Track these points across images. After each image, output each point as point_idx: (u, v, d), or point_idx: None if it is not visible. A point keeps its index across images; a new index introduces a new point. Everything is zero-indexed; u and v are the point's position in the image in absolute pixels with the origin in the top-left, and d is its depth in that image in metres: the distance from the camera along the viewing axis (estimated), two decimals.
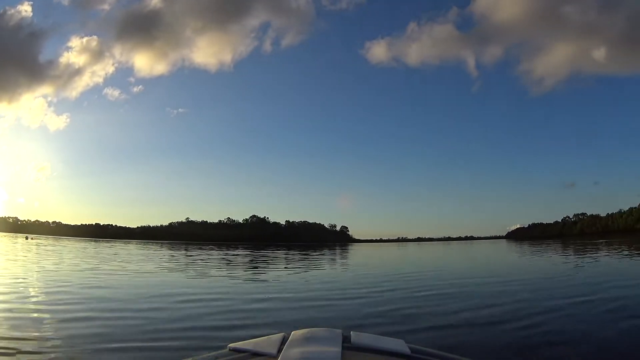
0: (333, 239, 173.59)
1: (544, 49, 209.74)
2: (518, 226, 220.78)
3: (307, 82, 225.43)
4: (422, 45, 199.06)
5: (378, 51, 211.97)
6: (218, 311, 10.56)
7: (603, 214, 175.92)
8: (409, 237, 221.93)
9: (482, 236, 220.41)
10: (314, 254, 49.07)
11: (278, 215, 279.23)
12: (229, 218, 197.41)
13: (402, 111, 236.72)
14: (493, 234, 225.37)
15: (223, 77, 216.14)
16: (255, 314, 10.29)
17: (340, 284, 17.24)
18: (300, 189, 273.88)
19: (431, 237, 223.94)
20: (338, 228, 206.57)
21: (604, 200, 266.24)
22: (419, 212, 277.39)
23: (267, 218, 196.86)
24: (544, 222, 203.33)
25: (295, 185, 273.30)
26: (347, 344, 1.75)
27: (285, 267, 28.01)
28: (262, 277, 21.19)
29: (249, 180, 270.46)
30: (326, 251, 61.26)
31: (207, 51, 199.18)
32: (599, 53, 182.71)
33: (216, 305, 11.48)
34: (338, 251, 64.01)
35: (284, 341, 1.80)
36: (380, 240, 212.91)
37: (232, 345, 1.80)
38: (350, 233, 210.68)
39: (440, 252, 58.02)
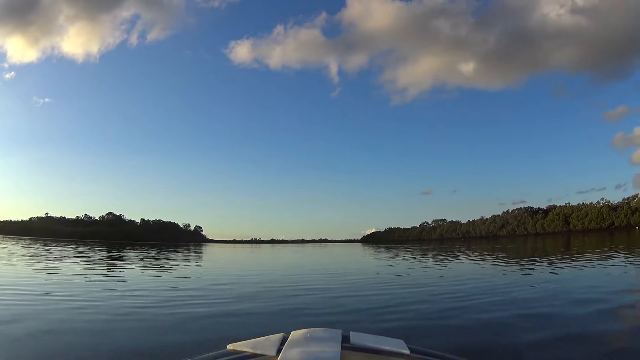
0: (187, 239, 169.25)
1: (409, 59, 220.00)
2: (374, 230, 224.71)
3: (170, 79, 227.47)
4: (286, 48, 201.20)
5: (241, 51, 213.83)
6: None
7: (463, 221, 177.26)
8: (262, 239, 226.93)
9: (336, 239, 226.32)
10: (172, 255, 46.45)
11: (134, 212, 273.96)
12: (86, 215, 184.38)
13: (262, 113, 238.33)
14: (348, 237, 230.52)
15: (88, 69, 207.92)
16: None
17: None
18: (157, 186, 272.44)
19: (285, 239, 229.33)
20: (192, 228, 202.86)
21: (463, 207, 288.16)
22: (273, 213, 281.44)
23: (123, 216, 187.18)
24: (401, 227, 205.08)
25: (152, 183, 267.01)
26: (346, 344, 1.75)
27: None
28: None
29: (107, 176, 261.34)
30: (181, 252, 58.63)
31: (76, 40, 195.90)
32: (467, 67, 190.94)
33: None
34: (192, 252, 59.52)
35: (283, 341, 1.79)
36: (234, 241, 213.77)
37: (231, 345, 1.79)
38: (204, 233, 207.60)
39: (294, 254, 57.54)
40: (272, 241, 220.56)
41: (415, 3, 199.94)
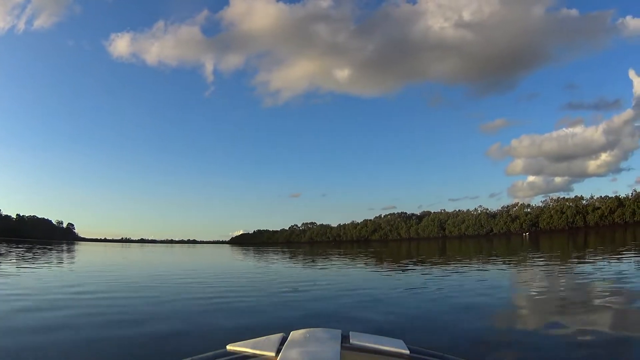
0: (60, 237, 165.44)
1: (285, 62, 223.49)
2: (242, 232, 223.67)
3: (51, 69, 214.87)
4: (164, 44, 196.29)
5: (121, 45, 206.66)
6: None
7: (334, 224, 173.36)
8: (132, 238, 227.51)
9: (205, 240, 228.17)
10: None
11: (10, 207, 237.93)
12: None
13: (135, 110, 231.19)
14: (216, 239, 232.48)
15: None
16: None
17: None
18: (34, 180, 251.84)
19: (154, 239, 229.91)
20: (65, 225, 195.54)
21: (333, 211, 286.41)
22: (142, 213, 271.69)
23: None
24: (270, 229, 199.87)
25: (29, 177, 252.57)
26: (346, 344, 1.73)
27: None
28: None
29: None
30: (72, 250, 58.13)
31: None
32: (342, 73, 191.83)
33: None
34: (83, 251, 57.70)
35: (283, 341, 1.77)
36: (105, 240, 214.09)
37: (230, 345, 1.77)
38: (77, 231, 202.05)
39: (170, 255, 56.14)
40: (142, 241, 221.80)
41: (298, 6, 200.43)
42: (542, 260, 25.56)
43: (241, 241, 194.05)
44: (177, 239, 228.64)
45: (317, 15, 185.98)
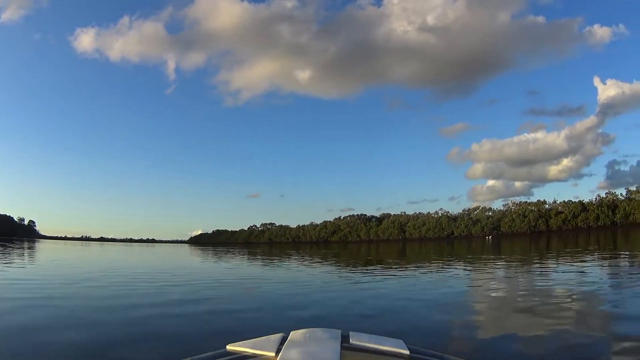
0: (22, 234, 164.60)
1: (247, 62, 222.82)
2: (200, 232, 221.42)
3: (18, 62, 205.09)
4: (128, 41, 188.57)
5: (85, 40, 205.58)
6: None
7: (292, 225, 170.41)
8: (92, 237, 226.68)
9: (163, 239, 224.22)
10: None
11: None
12: None
13: (97, 107, 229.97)
14: (175, 238, 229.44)
15: None
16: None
17: None
18: None
19: (114, 237, 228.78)
20: (26, 222, 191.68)
21: (292, 212, 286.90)
22: (102, 211, 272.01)
23: None
24: (229, 229, 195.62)
25: None
26: (346, 344, 1.72)
27: None
28: None
29: None
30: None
31: None
32: (303, 74, 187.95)
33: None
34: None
35: (283, 341, 1.76)
36: (66, 238, 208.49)
37: (230, 345, 1.76)
38: (38, 228, 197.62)
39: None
40: (102, 239, 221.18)
41: (263, 6, 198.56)
42: (517, 263, 26.22)
43: (200, 241, 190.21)
44: (136, 238, 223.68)
45: (281, 15, 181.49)
